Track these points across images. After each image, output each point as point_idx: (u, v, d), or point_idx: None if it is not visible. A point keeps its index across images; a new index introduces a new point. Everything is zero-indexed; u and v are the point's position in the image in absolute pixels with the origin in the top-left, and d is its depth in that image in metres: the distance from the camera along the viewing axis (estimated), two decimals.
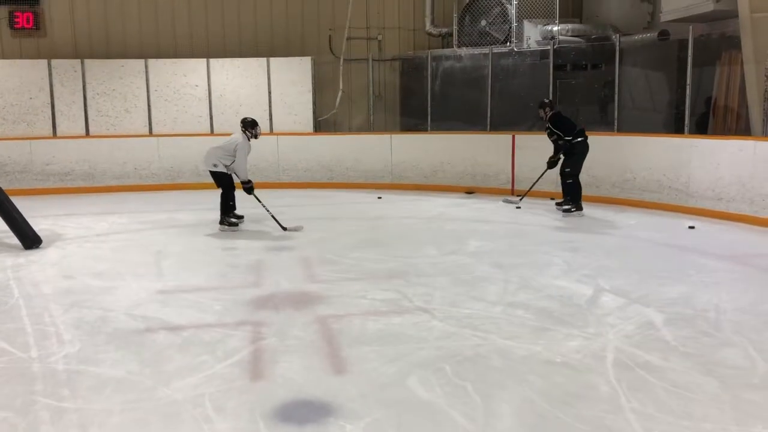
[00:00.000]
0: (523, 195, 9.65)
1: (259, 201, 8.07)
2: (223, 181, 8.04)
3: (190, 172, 11.94)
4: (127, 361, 3.84)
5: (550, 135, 8.73)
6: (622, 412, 3.12)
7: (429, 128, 11.84)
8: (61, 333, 4.30)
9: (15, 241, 6.99)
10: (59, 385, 3.50)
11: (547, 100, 8.97)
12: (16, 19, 11.81)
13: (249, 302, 4.96)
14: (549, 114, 8.69)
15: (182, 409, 3.21)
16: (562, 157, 8.64)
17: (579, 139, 8.47)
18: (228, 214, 8.08)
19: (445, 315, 4.61)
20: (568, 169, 8.56)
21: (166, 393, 3.40)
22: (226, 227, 8.00)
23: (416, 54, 12.60)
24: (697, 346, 3.96)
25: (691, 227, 7.59)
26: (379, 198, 10.34)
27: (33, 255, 6.67)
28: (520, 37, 11.52)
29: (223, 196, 8.07)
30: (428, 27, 12.82)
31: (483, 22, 11.91)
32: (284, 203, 9.64)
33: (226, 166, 7.93)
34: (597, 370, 3.61)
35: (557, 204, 8.88)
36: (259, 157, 12.00)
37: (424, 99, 11.89)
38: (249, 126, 8.00)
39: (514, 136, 10.76)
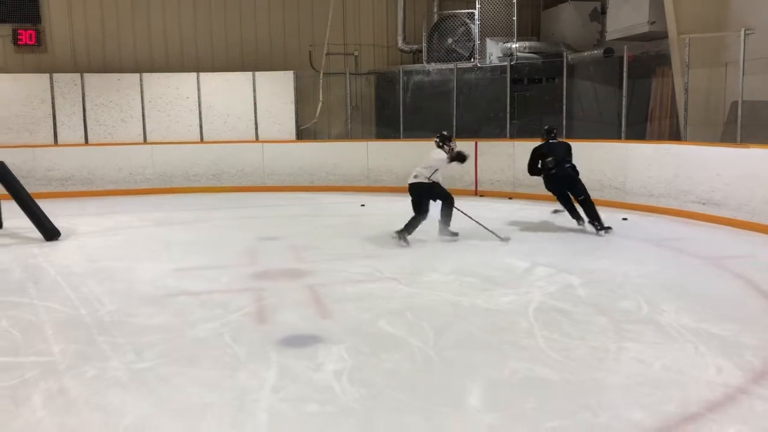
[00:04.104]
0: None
1: (465, 214, 7.95)
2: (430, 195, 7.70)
3: (181, 176, 12.95)
4: (157, 314, 4.90)
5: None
6: (534, 337, 4.27)
7: (402, 136, 12.99)
8: (100, 298, 5.34)
9: (36, 234, 7.97)
10: (109, 329, 4.54)
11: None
12: (19, 37, 12.75)
13: (249, 276, 6.04)
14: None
15: (208, 342, 4.28)
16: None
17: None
18: (411, 230, 7.49)
19: (409, 282, 5.74)
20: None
21: (193, 332, 4.47)
22: (401, 239, 7.41)
23: (389, 69, 13.76)
24: (601, 299, 5.12)
25: (624, 219, 8.81)
26: (363, 206, 10.64)
27: (55, 245, 7.67)
28: (483, 53, 12.75)
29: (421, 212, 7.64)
30: (400, 44, 14.00)
31: (449, 40, 13.14)
32: (270, 203, 10.70)
33: (427, 178, 7.63)
34: (521, 313, 4.76)
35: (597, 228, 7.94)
36: (246, 162, 13.11)
37: (397, 109, 13.05)
38: (446, 140, 7.82)
39: (476, 143, 11.93)
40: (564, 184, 8.16)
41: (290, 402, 3.34)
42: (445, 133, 8.08)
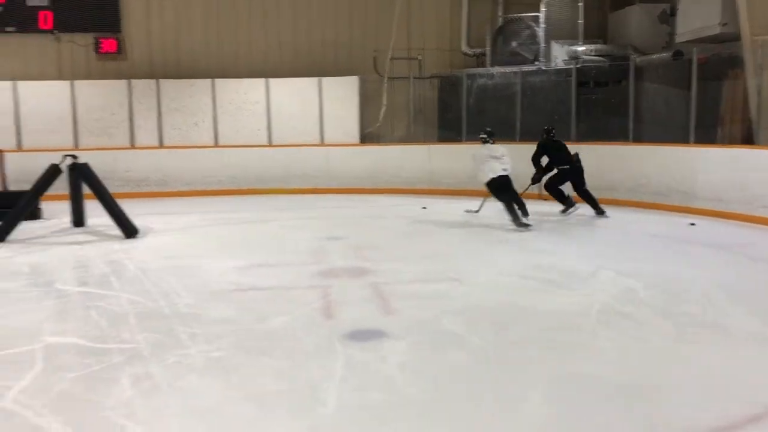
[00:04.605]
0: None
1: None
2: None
3: (250, 179, 13.41)
4: (230, 308, 5.16)
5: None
6: (595, 338, 4.32)
7: (464, 139, 13.07)
8: (177, 291, 5.66)
9: (116, 231, 8.44)
10: (187, 320, 4.83)
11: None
12: (100, 45, 13.48)
13: (315, 273, 6.27)
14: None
15: (277, 334, 4.51)
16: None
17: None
18: (517, 214, 8.53)
19: (470, 282, 5.85)
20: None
21: (264, 325, 4.71)
22: (523, 226, 8.39)
23: (453, 72, 13.86)
24: (665, 303, 5.10)
25: (692, 224, 8.66)
26: (424, 208, 10.81)
27: (134, 242, 8.12)
28: (548, 56, 12.70)
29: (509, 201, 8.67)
30: (464, 48, 14.08)
31: (514, 43, 13.16)
32: (334, 205, 10.97)
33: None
34: (582, 314, 4.81)
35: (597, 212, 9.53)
36: (311, 165, 13.45)
37: (459, 113, 13.15)
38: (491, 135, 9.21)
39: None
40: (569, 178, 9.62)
41: (356, 391, 3.51)
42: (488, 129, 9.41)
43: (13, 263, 6.94)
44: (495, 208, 10.26)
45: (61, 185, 8.96)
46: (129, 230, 8.40)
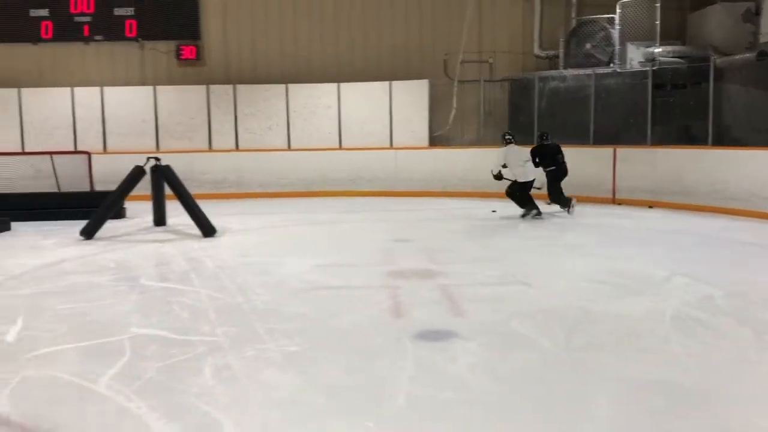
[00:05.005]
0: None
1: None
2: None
3: (321, 181, 13.68)
4: (303, 306, 5.34)
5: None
6: (668, 344, 4.25)
7: (535, 142, 12.92)
8: (254, 288, 5.88)
9: (195, 230, 8.80)
10: (263, 316, 5.02)
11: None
12: (181, 52, 14.05)
13: (385, 274, 6.38)
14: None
15: (349, 331, 4.64)
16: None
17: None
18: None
19: (540, 286, 5.83)
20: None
21: (336, 322, 4.84)
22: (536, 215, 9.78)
23: (524, 75, 13.75)
24: (743, 310, 4.96)
25: None
26: (494, 211, 10.68)
27: (212, 241, 8.45)
28: (623, 58, 12.43)
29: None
30: (536, 50, 13.94)
31: (588, 45, 12.94)
32: (403, 208, 11.09)
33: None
34: (656, 320, 4.73)
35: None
36: (380, 168, 13.61)
37: (531, 116, 13.03)
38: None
39: (615, 149, 11.68)
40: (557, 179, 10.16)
41: (426, 389, 3.59)
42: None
43: (101, 259, 7.36)
44: (563, 211, 10.16)
45: (144, 186, 9.42)
46: (207, 229, 8.75)
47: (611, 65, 12.46)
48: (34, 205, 10.62)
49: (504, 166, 9.98)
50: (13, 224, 9.58)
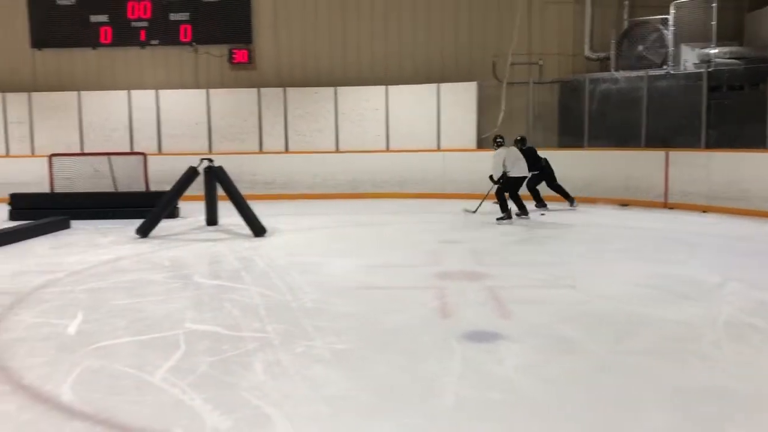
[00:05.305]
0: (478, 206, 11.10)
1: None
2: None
3: (368, 183, 13.78)
4: (352, 304, 5.41)
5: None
6: (720, 349, 4.18)
7: (585, 145, 12.78)
8: (302, 287, 5.98)
9: (246, 230, 8.99)
10: (312, 314, 5.12)
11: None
12: (233, 56, 14.35)
13: (432, 275, 6.41)
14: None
15: (397, 331, 4.69)
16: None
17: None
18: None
19: (588, 290, 5.77)
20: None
21: (384, 321, 4.90)
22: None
23: (575, 77, 13.58)
24: None
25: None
26: (542, 214, 10.78)
27: (262, 240, 8.62)
28: (677, 60, 12.17)
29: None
30: (587, 52, 13.75)
31: (640, 47, 12.71)
32: (451, 210, 11.09)
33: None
34: (707, 326, 4.64)
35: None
36: (428, 170, 13.64)
37: (580, 118, 12.87)
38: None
39: (667, 153, 11.45)
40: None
41: (473, 389, 3.61)
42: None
43: (156, 257, 7.60)
44: (613, 215, 10.02)
45: (197, 187, 9.66)
46: (258, 229, 8.93)
47: (664, 67, 12.21)
48: (93, 204, 11.01)
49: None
50: (73, 222, 9.95)
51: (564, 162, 12.68)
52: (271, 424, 3.22)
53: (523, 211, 10.08)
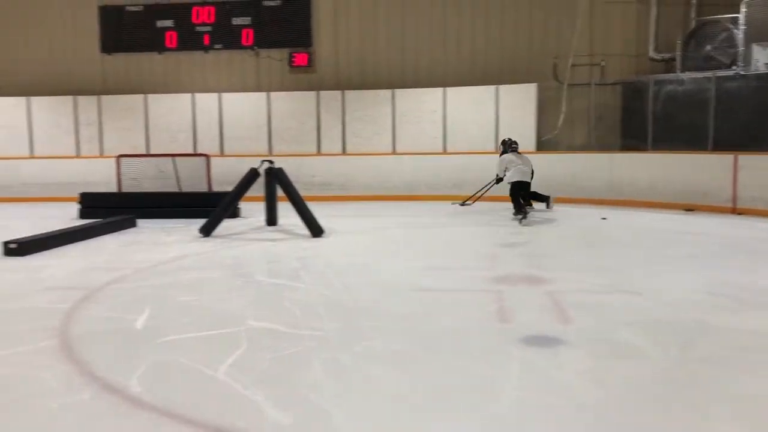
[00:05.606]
0: (466, 199, 12.25)
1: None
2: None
3: (425, 185, 13.77)
4: (408, 306, 5.43)
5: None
6: None
7: (649, 147, 12.46)
8: (359, 287, 6.04)
9: (305, 231, 9.12)
10: (369, 314, 5.15)
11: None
12: (293, 59, 14.59)
13: (490, 278, 6.37)
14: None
15: (453, 333, 4.68)
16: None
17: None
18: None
19: (652, 296, 5.63)
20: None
21: (440, 323, 4.90)
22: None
23: (638, 78, 13.26)
24: None
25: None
26: (604, 219, 10.52)
27: (320, 241, 8.74)
28: (747, 60, 11.73)
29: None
30: (651, 53, 13.41)
31: (708, 47, 12.31)
32: (510, 213, 10.96)
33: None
34: None
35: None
36: (485, 172, 13.50)
37: (644, 120, 12.56)
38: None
39: (736, 156, 11.05)
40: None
41: (532, 392, 3.57)
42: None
43: (218, 256, 7.79)
44: (678, 220, 9.77)
45: (257, 188, 9.86)
46: (316, 230, 9.05)
47: (734, 68, 11.79)
48: (158, 203, 11.37)
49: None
50: (138, 221, 10.30)
51: (627, 165, 12.43)
52: (331, 421, 3.27)
53: (524, 213, 10.37)
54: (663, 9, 13.33)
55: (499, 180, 11.20)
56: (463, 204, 12.25)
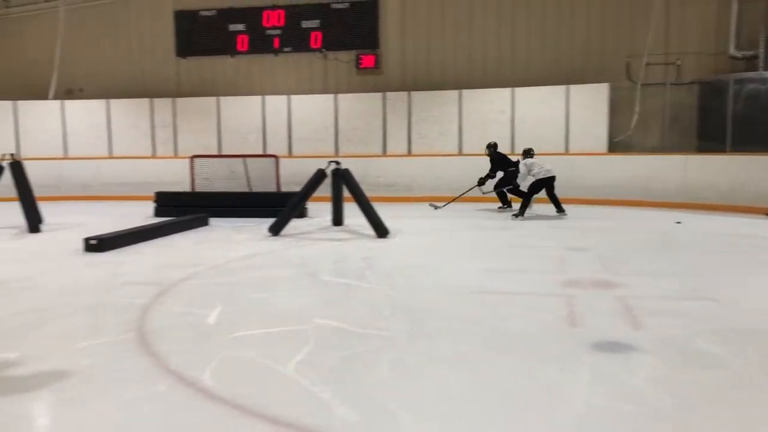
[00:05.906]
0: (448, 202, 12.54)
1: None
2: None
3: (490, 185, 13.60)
4: (474, 308, 5.38)
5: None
6: None
7: (728, 149, 11.97)
8: (424, 288, 6.04)
9: (370, 231, 9.19)
10: (435, 315, 5.14)
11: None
12: (360, 61, 14.72)
13: (558, 282, 6.25)
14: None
15: (521, 336, 4.61)
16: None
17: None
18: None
19: (731, 303, 5.40)
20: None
21: (506, 326, 4.83)
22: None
23: (717, 77, 12.75)
24: None
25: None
26: (678, 223, 10.24)
27: (385, 242, 8.78)
28: None
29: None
30: (732, 51, 12.88)
31: None
32: (579, 215, 10.76)
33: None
34: None
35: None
36: (556, 174, 13.26)
37: (723, 121, 12.08)
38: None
39: None
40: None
41: (603, 398, 3.48)
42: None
43: (286, 254, 7.94)
44: (759, 225, 9.35)
45: (324, 188, 9.99)
46: (381, 231, 9.09)
47: None
48: (229, 203, 11.67)
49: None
50: (210, 220, 10.60)
51: (704, 167, 11.99)
52: (397, 421, 3.27)
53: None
54: (745, 4, 12.79)
55: (515, 187, 11.70)
56: (437, 207, 12.46)
